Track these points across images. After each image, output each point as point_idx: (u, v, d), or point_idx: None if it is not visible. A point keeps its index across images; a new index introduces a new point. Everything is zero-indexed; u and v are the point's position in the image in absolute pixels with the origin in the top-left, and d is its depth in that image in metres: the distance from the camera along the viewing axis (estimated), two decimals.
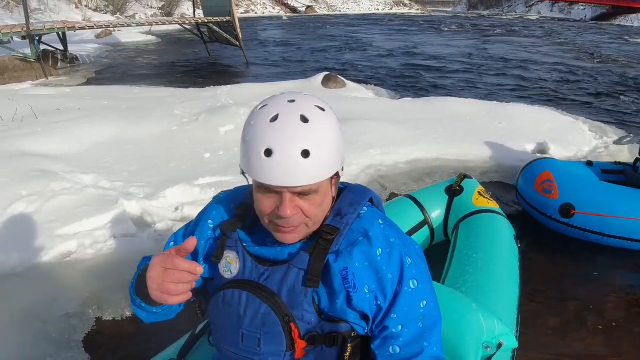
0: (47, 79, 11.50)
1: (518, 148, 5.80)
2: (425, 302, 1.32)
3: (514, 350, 2.00)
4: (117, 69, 13.81)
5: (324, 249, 1.29)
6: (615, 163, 4.55)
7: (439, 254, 3.00)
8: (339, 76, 9.99)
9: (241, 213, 1.40)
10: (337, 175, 1.28)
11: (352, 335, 1.33)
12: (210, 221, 1.45)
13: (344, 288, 1.27)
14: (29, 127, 6.09)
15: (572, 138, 6.28)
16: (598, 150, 6.05)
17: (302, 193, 1.20)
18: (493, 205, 3.08)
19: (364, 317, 1.32)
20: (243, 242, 1.37)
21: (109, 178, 4.64)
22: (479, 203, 3.05)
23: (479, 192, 3.12)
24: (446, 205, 3.13)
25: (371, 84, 10.76)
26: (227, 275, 1.36)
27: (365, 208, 1.38)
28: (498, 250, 2.63)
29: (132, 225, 3.88)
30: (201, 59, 16.16)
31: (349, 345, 1.33)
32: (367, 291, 1.28)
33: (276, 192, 1.20)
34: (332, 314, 1.30)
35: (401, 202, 3.14)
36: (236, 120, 6.35)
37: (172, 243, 1.50)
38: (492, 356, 1.89)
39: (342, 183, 1.44)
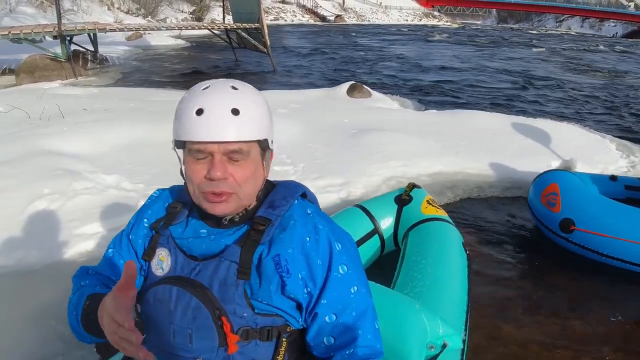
0: (76, 78, 11.66)
1: (543, 165, 5.73)
2: (355, 288, 1.32)
3: (461, 351, 2.04)
4: (145, 71, 13.96)
5: (255, 240, 1.28)
6: None
7: (389, 263, 3.03)
8: (364, 86, 9.97)
9: (174, 210, 1.40)
10: (268, 148, 1.32)
11: (288, 330, 1.33)
12: (145, 220, 1.45)
13: (276, 273, 1.27)
14: (55, 125, 6.18)
15: (598, 156, 6.20)
16: (623, 168, 5.97)
17: (233, 154, 1.22)
18: (441, 213, 3.13)
19: (298, 306, 1.31)
20: (175, 238, 1.36)
21: (131, 180, 4.68)
22: (428, 211, 3.09)
23: (427, 201, 3.16)
24: (396, 215, 3.17)
25: (396, 95, 10.71)
26: (159, 272, 1.35)
27: (296, 201, 1.39)
28: (446, 257, 2.67)
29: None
30: (228, 64, 16.27)
31: (284, 340, 1.32)
32: (300, 277, 1.28)
33: (207, 153, 1.22)
34: (266, 305, 1.28)
35: (351, 212, 3.17)
36: None
37: (110, 250, 1.49)
38: (436, 356, 1.92)
39: (276, 180, 1.47)
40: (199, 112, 1.19)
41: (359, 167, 5.29)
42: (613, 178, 4.48)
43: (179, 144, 1.27)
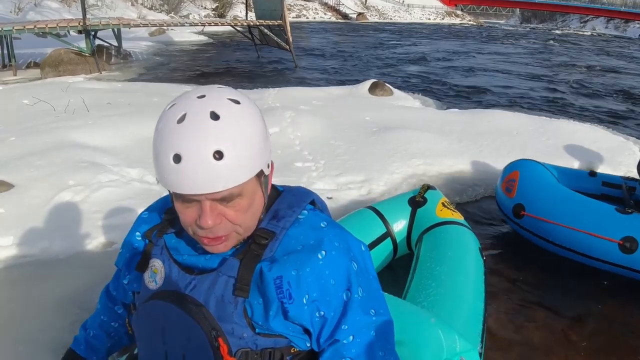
0: (100, 73, 11.76)
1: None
2: (374, 311, 1.21)
3: None
4: (168, 66, 14.06)
5: (256, 255, 1.16)
6: (624, 178, 4.35)
7: (402, 267, 2.92)
8: (386, 84, 9.94)
9: (169, 218, 1.28)
10: (262, 174, 1.14)
11: (292, 351, 1.21)
12: (137, 233, 1.36)
13: (277, 298, 1.14)
14: (80, 119, 6.26)
15: (621, 158, 6.12)
16: None
17: (224, 199, 1.07)
18: (457, 216, 3.00)
19: (306, 330, 1.19)
20: (170, 249, 1.25)
21: (154, 173, 4.71)
22: (443, 214, 2.97)
23: (442, 203, 3.04)
24: (409, 217, 3.05)
25: (418, 93, 10.68)
26: (152, 286, 1.24)
27: (305, 211, 1.25)
28: (462, 263, 2.54)
29: None
30: (250, 61, 16.31)
31: None
32: (305, 301, 1.14)
33: (195, 200, 1.07)
34: (267, 328, 1.17)
35: (362, 214, 3.05)
36: (281, 123, 6.39)
37: (118, 264, 1.44)
38: None
39: (283, 186, 1.34)
40: (177, 159, 1.01)
41: (380, 165, 5.29)
42: (592, 174, 4.48)
43: None
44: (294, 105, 7.54)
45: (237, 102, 1.08)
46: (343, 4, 58.45)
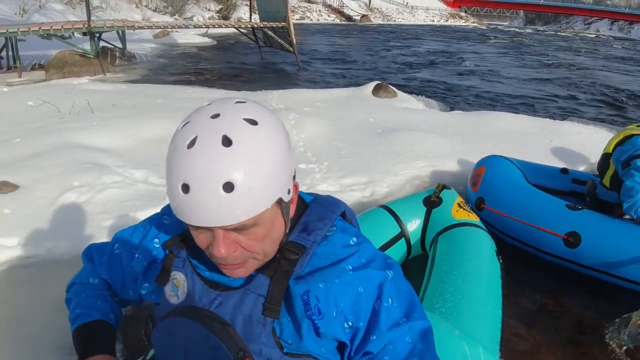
0: (105, 75, 11.78)
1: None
2: (406, 318, 1.12)
3: None
4: (172, 68, 14.08)
5: (286, 272, 1.09)
6: (595, 175, 4.33)
7: (415, 268, 2.87)
8: (390, 86, 9.95)
9: None
10: (282, 201, 1.03)
11: None
12: (156, 240, 1.29)
13: (305, 316, 1.08)
14: (84, 120, 6.27)
15: None
16: None
17: (237, 229, 0.99)
18: (473, 218, 2.94)
19: (340, 345, 1.13)
20: (192, 261, 1.19)
21: (159, 174, 4.73)
22: (459, 215, 2.91)
23: (458, 204, 2.99)
24: (424, 217, 2.98)
25: (422, 95, 10.68)
26: (174, 300, 1.17)
27: (334, 226, 1.18)
28: (479, 268, 2.47)
29: None
30: (254, 62, 16.34)
31: None
32: (335, 314, 1.08)
33: (206, 229, 1.00)
34: (298, 348, 1.11)
35: (376, 213, 2.98)
36: (285, 125, 6.35)
37: (116, 246, 1.39)
38: None
39: (310, 194, 1.28)
40: (185, 189, 0.93)
41: (384, 166, 5.29)
42: (564, 171, 4.55)
43: None
44: (297, 107, 7.55)
45: (254, 123, 0.97)
46: (347, 6, 58.52)
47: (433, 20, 67.46)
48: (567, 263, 3.52)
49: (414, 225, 2.96)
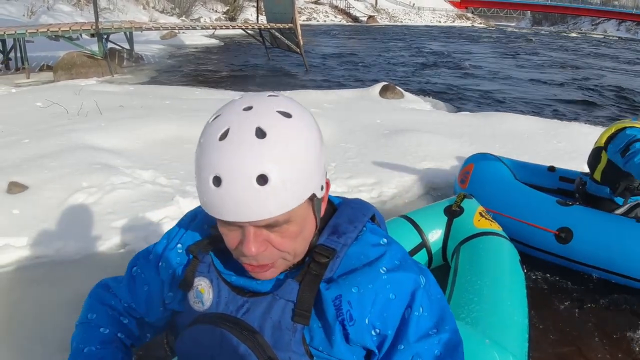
0: (112, 76, 11.83)
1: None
2: (436, 329, 1.07)
3: None
4: (179, 69, 14.12)
5: (316, 276, 1.05)
6: (584, 173, 4.29)
7: (437, 278, 2.83)
8: (397, 87, 9.95)
9: (217, 232, 1.09)
10: (315, 196, 1.00)
11: None
12: (179, 245, 1.22)
13: (337, 321, 1.03)
14: (93, 121, 6.30)
15: None
16: None
17: (269, 226, 0.95)
18: (496, 227, 2.87)
19: (369, 354, 1.09)
20: (217, 267, 1.14)
21: (167, 175, 4.75)
22: (481, 225, 2.84)
23: (480, 213, 2.92)
24: (445, 227, 2.91)
25: (429, 96, 10.69)
26: (199, 307, 1.13)
27: (364, 228, 1.15)
28: (504, 277, 2.41)
29: None
30: (261, 64, 16.36)
31: None
32: (367, 321, 1.04)
33: (237, 226, 0.96)
34: (328, 353, 1.06)
35: (397, 223, 2.90)
36: None
37: (134, 269, 1.31)
38: None
39: (339, 197, 1.24)
40: (217, 181, 0.89)
41: (391, 167, 5.29)
42: (551, 169, 4.52)
43: None
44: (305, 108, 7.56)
45: (288, 116, 0.94)
46: (353, 7, 58.54)
47: (440, 21, 67.43)
48: (558, 259, 3.52)
49: (435, 235, 2.90)
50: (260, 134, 0.89)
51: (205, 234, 1.19)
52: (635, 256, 3.23)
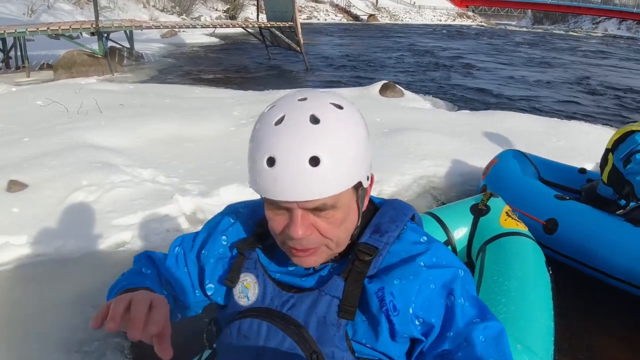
0: (113, 74, 11.83)
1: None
2: (479, 319, 1.07)
3: None
4: (180, 68, 14.11)
5: (360, 272, 1.08)
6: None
7: None
8: (397, 85, 9.94)
9: (262, 230, 1.20)
10: (360, 185, 1.05)
11: None
12: (224, 237, 1.26)
13: (382, 312, 1.06)
14: (93, 120, 6.31)
15: None
16: None
17: (317, 209, 1.00)
18: (522, 227, 2.87)
19: (412, 344, 1.11)
20: (263, 263, 1.19)
21: (166, 174, 4.75)
22: (507, 225, 2.83)
23: (506, 213, 2.91)
24: (471, 225, 2.91)
25: (429, 95, 10.68)
26: (244, 302, 1.17)
27: (405, 227, 1.18)
28: (530, 278, 2.41)
29: (185, 221, 3.97)
30: (262, 62, 16.36)
31: None
32: (412, 310, 1.06)
33: (286, 208, 1.00)
34: (370, 349, 1.10)
35: (423, 220, 2.90)
36: None
37: (177, 249, 1.34)
38: None
39: (379, 198, 1.27)
40: (270, 162, 0.95)
41: (391, 166, 5.29)
42: (582, 171, 4.57)
43: None
44: None
45: (340, 107, 1.01)
46: (354, 6, 58.49)
47: (440, 20, 67.33)
48: (544, 249, 3.53)
49: (460, 233, 2.90)
50: (314, 120, 0.96)
51: (250, 230, 1.25)
52: (614, 252, 3.27)
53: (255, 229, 1.22)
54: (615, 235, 3.30)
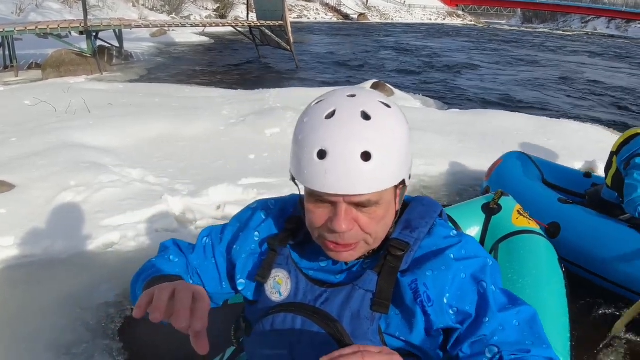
0: (102, 74, 11.74)
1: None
2: (511, 305, 1.09)
3: None
4: (169, 67, 14.06)
5: (393, 267, 1.10)
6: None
7: None
8: (387, 84, 9.95)
9: (292, 227, 1.22)
10: (402, 184, 1.08)
11: None
12: (256, 233, 1.27)
13: (416, 303, 1.08)
14: (81, 119, 6.28)
15: None
16: None
17: (361, 204, 1.01)
18: (534, 225, 2.84)
19: (446, 335, 1.12)
20: (295, 260, 1.20)
21: (156, 173, 4.73)
22: (519, 223, 2.81)
23: (518, 211, 2.89)
24: (483, 224, 2.89)
25: (419, 93, 10.67)
26: (276, 297, 1.17)
27: (434, 223, 1.20)
28: (545, 277, 2.41)
29: (174, 221, 3.95)
30: (252, 61, 16.32)
31: None
32: (446, 300, 1.08)
33: (330, 201, 1.01)
34: (402, 342, 1.11)
35: None
36: (282, 124, 6.40)
37: (205, 239, 1.33)
38: None
39: (408, 196, 1.27)
40: (321, 154, 0.96)
41: None
42: (587, 175, 4.51)
43: None
44: (295, 105, 7.53)
45: (388, 106, 1.04)
46: (344, 5, 58.48)
47: (430, 19, 67.44)
48: None
49: (472, 232, 2.86)
50: (365, 116, 0.98)
51: (280, 227, 1.25)
52: (617, 259, 3.21)
53: (286, 226, 1.24)
54: (618, 241, 3.26)
